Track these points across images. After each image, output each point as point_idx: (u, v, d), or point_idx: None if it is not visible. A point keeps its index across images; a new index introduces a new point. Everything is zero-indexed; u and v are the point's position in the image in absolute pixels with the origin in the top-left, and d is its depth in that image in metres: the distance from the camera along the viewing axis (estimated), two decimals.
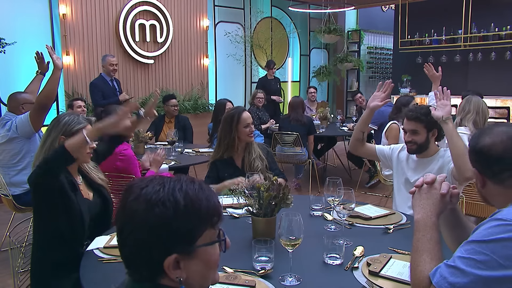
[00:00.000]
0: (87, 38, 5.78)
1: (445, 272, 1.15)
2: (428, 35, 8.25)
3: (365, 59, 10.27)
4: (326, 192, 2.05)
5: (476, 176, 1.31)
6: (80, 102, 4.35)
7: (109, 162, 2.93)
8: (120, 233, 0.91)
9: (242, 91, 8.41)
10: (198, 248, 0.90)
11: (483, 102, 3.49)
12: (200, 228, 0.91)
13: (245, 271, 1.60)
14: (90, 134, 1.95)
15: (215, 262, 0.95)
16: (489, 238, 1.13)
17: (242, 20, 8.23)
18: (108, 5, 5.94)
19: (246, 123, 2.74)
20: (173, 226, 0.87)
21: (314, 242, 1.81)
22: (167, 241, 0.87)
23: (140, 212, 0.87)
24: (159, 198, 0.87)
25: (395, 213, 2.28)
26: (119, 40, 6.05)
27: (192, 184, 0.93)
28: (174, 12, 6.60)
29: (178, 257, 0.88)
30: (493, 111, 6.44)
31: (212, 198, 0.93)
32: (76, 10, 5.65)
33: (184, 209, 0.88)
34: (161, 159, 3.08)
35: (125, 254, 0.91)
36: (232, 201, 2.28)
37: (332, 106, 9.98)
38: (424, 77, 3.80)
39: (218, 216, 0.94)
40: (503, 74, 7.58)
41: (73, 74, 5.69)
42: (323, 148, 6.51)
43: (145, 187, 0.90)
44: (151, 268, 0.89)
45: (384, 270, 1.58)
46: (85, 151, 2.02)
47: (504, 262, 1.09)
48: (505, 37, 7.33)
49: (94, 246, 1.86)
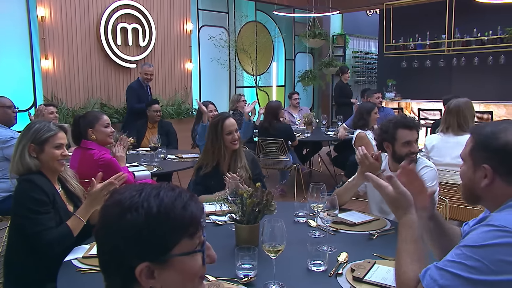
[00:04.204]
0: (66, 41, 5.67)
1: (435, 275, 1.15)
2: (412, 39, 8.36)
3: (350, 63, 10.35)
4: (310, 199, 2.04)
5: (487, 173, 1.26)
6: (52, 108, 4.25)
7: (91, 169, 2.88)
8: (97, 238, 0.91)
9: (227, 95, 8.37)
10: (173, 257, 0.87)
11: (463, 102, 3.38)
12: (175, 237, 0.87)
13: (228, 279, 1.58)
14: (85, 214, 2.00)
15: (195, 274, 0.91)
16: (480, 243, 1.13)
17: (226, 24, 8.21)
18: (89, 7, 5.84)
19: (229, 130, 2.70)
20: (144, 233, 0.84)
21: (298, 249, 1.78)
22: (139, 248, 0.85)
23: (114, 217, 0.87)
24: (133, 204, 0.86)
25: (379, 219, 2.27)
26: (100, 44, 5.96)
27: (171, 192, 0.90)
28: (157, 15, 6.54)
29: (151, 266, 0.86)
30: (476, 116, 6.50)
31: (190, 207, 0.89)
32: (55, 13, 5.54)
33: (157, 216, 0.85)
34: (123, 152, 3.18)
35: (100, 259, 0.91)
36: (215, 208, 2.25)
37: (317, 110, 10.02)
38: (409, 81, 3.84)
39: (195, 226, 0.90)
40: (486, 79, 7.70)
41: (53, 78, 5.58)
42: (308, 153, 6.50)
43: (123, 192, 0.89)
44: (123, 275, 0.87)
45: (368, 276, 1.58)
46: (56, 160, 2.00)
47: (495, 267, 1.09)
48: (487, 42, 7.46)
49: (73, 256, 1.81)
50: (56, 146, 2.05)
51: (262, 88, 9.03)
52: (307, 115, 6.27)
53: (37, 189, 1.93)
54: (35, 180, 1.96)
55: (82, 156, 2.99)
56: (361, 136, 4.45)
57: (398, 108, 7.86)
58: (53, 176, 2.08)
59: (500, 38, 7.30)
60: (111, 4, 5.99)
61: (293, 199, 5.18)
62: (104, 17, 5.92)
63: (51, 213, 1.94)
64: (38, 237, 1.87)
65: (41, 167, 2.03)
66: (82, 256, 1.79)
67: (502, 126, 1.28)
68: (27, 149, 2.01)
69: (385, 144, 2.41)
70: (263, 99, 9.05)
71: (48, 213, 1.93)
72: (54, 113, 4.23)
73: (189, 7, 7.01)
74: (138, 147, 4.72)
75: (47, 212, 1.93)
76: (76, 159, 3.02)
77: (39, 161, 2.02)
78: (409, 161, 2.32)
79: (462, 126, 3.31)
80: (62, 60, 5.64)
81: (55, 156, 2.04)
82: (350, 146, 4.75)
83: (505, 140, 1.24)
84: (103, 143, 3.03)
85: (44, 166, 2.04)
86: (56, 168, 2.06)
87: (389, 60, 8.72)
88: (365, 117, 4.56)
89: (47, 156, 2.03)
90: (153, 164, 3.82)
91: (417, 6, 8.17)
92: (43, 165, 2.03)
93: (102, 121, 3.02)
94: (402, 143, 2.34)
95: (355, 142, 4.49)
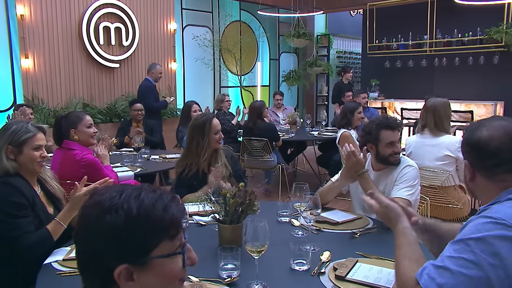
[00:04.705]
0: (47, 40, 5.57)
1: (433, 273, 1.14)
2: (395, 40, 8.44)
3: (335, 63, 10.40)
4: (293, 198, 2.04)
5: (467, 169, 1.32)
6: (28, 109, 4.19)
7: (73, 170, 2.85)
8: (76, 239, 0.90)
9: (211, 95, 8.34)
10: (153, 260, 0.86)
11: (440, 102, 3.40)
12: (155, 239, 0.86)
13: (211, 279, 1.57)
14: (66, 218, 1.96)
15: (174, 276, 0.90)
16: (477, 235, 1.12)
17: (211, 23, 8.18)
18: (70, 6, 5.74)
19: (216, 130, 2.74)
20: (123, 235, 0.84)
21: (281, 249, 1.78)
22: (118, 249, 0.84)
23: (93, 219, 0.86)
24: (113, 205, 0.85)
25: (362, 218, 2.28)
26: (83, 43, 5.87)
27: (152, 193, 0.89)
28: (140, 15, 6.48)
29: (130, 268, 0.85)
30: (457, 115, 6.61)
31: (171, 209, 0.89)
32: (35, 11, 5.42)
33: (136, 217, 0.85)
34: (105, 150, 3.18)
35: (79, 261, 0.90)
36: (198, 208, 2.24)
37: (301, 110, 10.05)
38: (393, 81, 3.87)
39: (176, 228, 0.89)
40: (466, 79, 7.82)
41: (33, 78, 5.47)
42: (293, 153, 6.52)
43: (103, 193, 0.88)
44: (102, 277, 0.86)
45: (350, 274, 1.59)
46: (35, 161, 1.97)
47: (494, 260, 1.08)
48: (468, 43, 7.57)
49: (53, 259, 1.78)
50: (34, 147, 2.01)
51: (247, 88, 9.03)
52: (291, 115, 6.29)
53: (16, 192, 1.89)
54: (13, 182, 1.91)
55: (64, 156, 2.95)
56: (345, 135, 4.48)
57: (382, 108, 7.94)
58: (32, 178, 2.04)
59: (480, 39, 7.42)
60: (93, 2, 5.90)
61: (278, 198, 5.19)
62: (86, 15, 5.83)
63: (30, 216, 1.90)
64: (17, 241, 1.84)
65: (19, 169, 1.98)
66: (62, 258, 1.76)
67: (481, 122, 1.32)
68: (4, 151, 1.96)
69: (368, 145, 2.42)
70: (247, 99, 9.05)
71: (27, 216, 1.89)
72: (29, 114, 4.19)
73: (172, 6, 6.96)
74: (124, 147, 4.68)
75: (26, 216, 1.89)
76: (57, 160, 2.98)
77: (17, 163, 1.98)
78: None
79: (438, 125, 3.34)
80: (43, 59, 5.54)
81: (34, 158, 2.00)
82: (334, 145, 4.79)
83: (478, 136, 1.27)
84: (85, 144, 3.00)
85: (23, 168, 1.99)
86: (35, 170, 2.02)
87: (372, 60, 8.80)
88: (348, 116, 4.60)
89: (25, 158, 1.99)
90: (136, 164, 3.79)
91: (399, 7, 8.25)
92: (21, 167, 1.99)
93: (85, 122, 2.98)
94: (386, 144, 2.36)
95: (340, 141, 4.52)
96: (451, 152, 3.25)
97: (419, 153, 3.33)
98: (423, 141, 3.39)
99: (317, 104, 10.33)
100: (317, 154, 6.24)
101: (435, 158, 3.30)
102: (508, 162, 1.23)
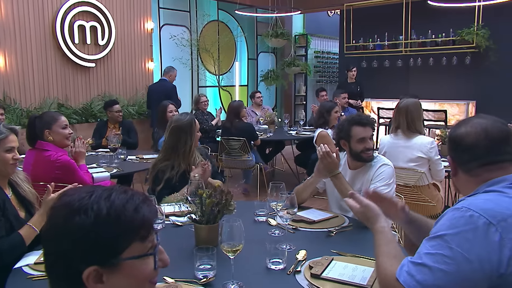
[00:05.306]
0: (19, 38, 5.43)
1: (412, 270, 1.15)
2: (371, 40, 8.55)
3: (312, 63, 10.47)
4: (270, 197, 2.04)
5: (450, 164, 1.38)
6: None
7: (46, 171, 2.78)
8: (44, 240, 0.88)
9: (189, 95, 8.29)
10: (123, 261, 0.85)
11: (411, 102, 3.42)
12: (125, 240, 0.85)
13: (187, 280, 1.57)
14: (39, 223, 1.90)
15: (145, 278, 0.89)
16: (453, 231, 1.14)
17: (188, 23, 8.13)
18: (43, 3, 5.61)
19: (198, 128, 2.77)
20: (92, 236, 0.82)
21: (258, 248, 1.78)
22: (86, 251, 0.83)
23: (61, 220, 0.85)
24: (82, 206, 0.84)
25: (338, 216, 2.31)
26: (57, 42, 5.75)
27: (123, 194, 0.88)
28: (116, 13, 6.39)
29: (100, 270, 0.83)
30: (431, 115, 6.74)
31: (142, 210, 0.88)
32: (6, 8, 5.28)
33: (106, 218, 0.83)
34: (83, 147, 3.16)
35: (47, 263, 0.88)
36: (174, 209, 2.22)
37: (280, 110, 10.09)
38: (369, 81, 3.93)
39: (147, 229, 0.88)
40: (440, 79, 8.00)
41: (5, 77, 5.33)
42: (271, 153, 6.53)
43: (73, 194, 0.87)
44: (70, 279, 0.84)
45: (326, 272, 1.60)
46: (7, 164, 1.91)
47: (469, 255, 1.10)
48: (441, 43, 7.74)
49: (23, 263, 1.73)
50: (6, 149, 1.96)
51: (225, 87, 9.01)
52: (269, 115, 6.31)
53: None
54: None
55: (37, 157, 2.88)
56: (323, 135, 4.52)
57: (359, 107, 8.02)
58: (3, 181, 1.98)
59: (452, 40, 7.59)
60: (67, 1, 5.79)
61: (256, 198, 5.20)
62: (60, 14, 5.71)
63: (1, 221, 1.85)
64: None
65: None
66: (33, 262, 1.72)
67: (465, 120, 1.37)
68: None
69: (342, 142, 2.46)
70: (225, 98, 9.02)
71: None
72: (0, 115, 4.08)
73: (149, 5, 6.89)
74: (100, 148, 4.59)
75: None
76: (29, 161, 2.90)
77: None
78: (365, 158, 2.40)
79: (411, 126, 3.38)
80: (15, 57, 5.40)
81: (6, 160, 1.95)
82: (312, 145, 4.82)
83: (457, 133, 1.33)
84: (60, 145, 2.93)
85: None
86: (7, 173, 1.97)
87: (349, 60, 8.88)
88: (325, 116, 4.64)
89: None
90: (112, 165, 3.73)
91: (376, 8, 8.37)
92: None
93: (60, 122, 2.91)
94: (357, 140, 2.40)
95: (317, 140, 4.55)
96: (423, 154, 3.32)
97: (393, 154, 3.38)
98: (397, 142, 3.44)
99: (295, 104, 10.38)
100: (295, 153, 6.27)
101: (408, 159, 3.37)
102: (482, 157, 1.27)
